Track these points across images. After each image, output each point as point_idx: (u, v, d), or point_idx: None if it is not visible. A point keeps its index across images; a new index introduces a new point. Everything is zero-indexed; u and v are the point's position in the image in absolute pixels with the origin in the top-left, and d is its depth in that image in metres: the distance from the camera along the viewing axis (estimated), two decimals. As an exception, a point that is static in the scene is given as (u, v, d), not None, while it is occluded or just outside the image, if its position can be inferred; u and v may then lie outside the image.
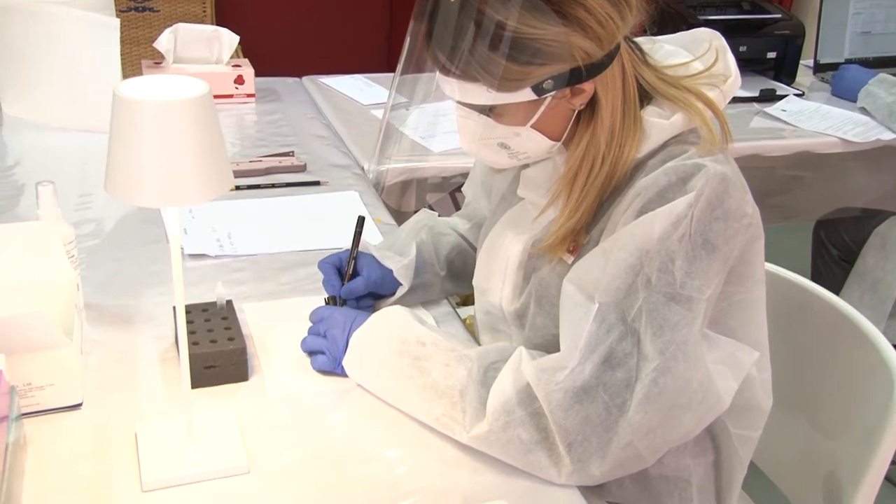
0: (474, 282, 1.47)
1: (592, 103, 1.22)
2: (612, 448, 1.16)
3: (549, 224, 1.32)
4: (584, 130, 1.23)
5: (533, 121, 1.22)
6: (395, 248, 1.58)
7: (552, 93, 1.19)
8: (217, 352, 1.34)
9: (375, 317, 1.34)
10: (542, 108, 1.21)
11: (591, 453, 1.16)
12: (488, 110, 1.22)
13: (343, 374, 1.35)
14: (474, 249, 1.62)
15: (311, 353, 1.40)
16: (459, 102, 1.23)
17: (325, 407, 1.33)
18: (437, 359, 1.27)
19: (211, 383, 1.35)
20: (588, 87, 1.20)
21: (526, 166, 1.36)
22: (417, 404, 1.27)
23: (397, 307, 1.36)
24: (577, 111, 1.23)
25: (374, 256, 1.53)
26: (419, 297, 1.57)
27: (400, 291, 1.53)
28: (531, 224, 1.35)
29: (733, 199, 1.17)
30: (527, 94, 1.18)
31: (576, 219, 1.25)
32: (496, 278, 1.41)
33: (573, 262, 1.27)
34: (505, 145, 1.25)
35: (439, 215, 1.69)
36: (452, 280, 1.62)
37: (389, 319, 1.33)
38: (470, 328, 1.50)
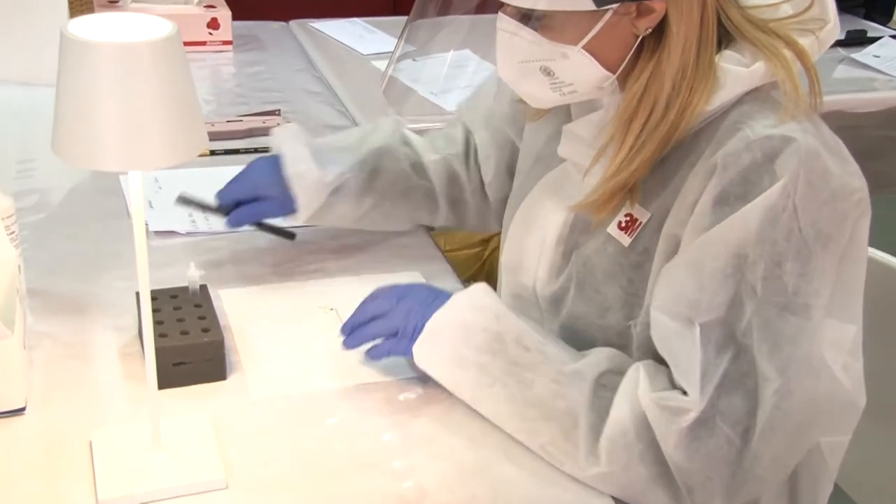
0: (502, 259, 1.50)
1: (660, 31, 1.22)
2: (735, 482, 1.19)
3: (594, 184, 1.33)
4: (645, 63, 1.23)
5: (586, 39, 1.22)
6: (327, 148, 1.67)
7: (615, 5, 1.20)
8: (189, 345, 1.36)
9: (461, 299, 1.34)
10: (600, 25, 1.21)
11: (714, 493, 1.20)
12: (536, 21, 1.22)
13: (407, 355, 1.36)
14: (428, 183, 1.70)
15: (361, 342, 1.41)
16: (503, 12, 1.25)
17: (318, 410, 1.35)
18: (543, 371, 1.27)
19: (182, 383, 1.36)
20: (659, 6, 1.20)
21: (568, 118, 1.37)
22: (514, 422, 1.29)
23: (483, 288, 1.36)
24: (640, 38, 1.24)
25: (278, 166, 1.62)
26: (334, 216, 1.67)
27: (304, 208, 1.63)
28: (575, 190, 1.36)
29: (835, 174, 1.18)
30: (585, 2, 1.19)
31: (628, 171, 1.25)
32: (530, 255, 1.44)
33: (630, 245, 1.30)
34: (548, 70, 1.26)
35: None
36: (383, 214, 1.70)
37: (480, 307, 1.33)
38: None
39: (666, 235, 1.26)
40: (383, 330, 1.38)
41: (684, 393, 1.20)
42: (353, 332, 1.40)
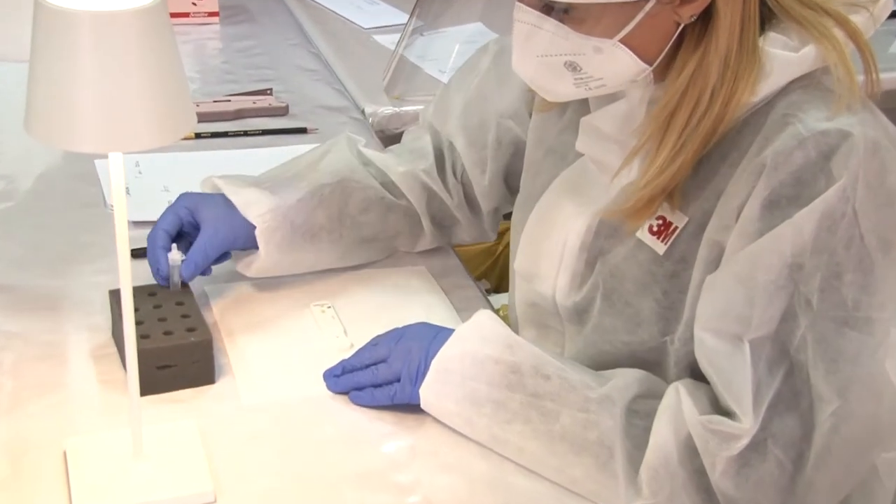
0: (515, 265, 1.49)
1: (705, 18, 1.20)
2: None
3: (626, 189, 1.31)
4: (689, 54, 1.21)
5: (624, 32, 1.20)
6: (275, 178, 1.60)
7: None
8: (174, 346, 1.37)
9: (466, 332, 1.35)
10: (640, 16, 1.19)
11: None
12: (563, 12, 1.20)
13: (413, 400, 1.35)
14: (406, 202, 1.65)
15: (350, 389, 1.41)
16: (522, 2, 1.23)
17: (315, 417, 1.36)
18: (568, 400, 1.27)
19: (166, 388, 1.38)
20: None
21: (586, 110, 1.37)
22: (541, 460, 1.29)
23: (488, 316, 1.35)
24: (681, 26, 1.22)
25: (223, 196, 1.54)
26: (306, 261, 1.60)
27: (266, 255, 1.54)
28: (600, 191, 1.36)
29: (894, 172, 1.17)
30: None
31: (669, 174, 1.23)
32: (548, 263, 1.42)
33: (665, 253, 1.29)
34: (574, 66, 1.23)
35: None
36: (361, 245, 1.64)
37: (488, 337, 1.33)
38: (506, 321, 1.53)
39: (708, 242, 1.25)
40: (382, 377, 1.37)
41: (731, 415, 1.19)
42: (345, 374, 1.41)
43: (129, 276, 1.14)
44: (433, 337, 1.36)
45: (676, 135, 1.22)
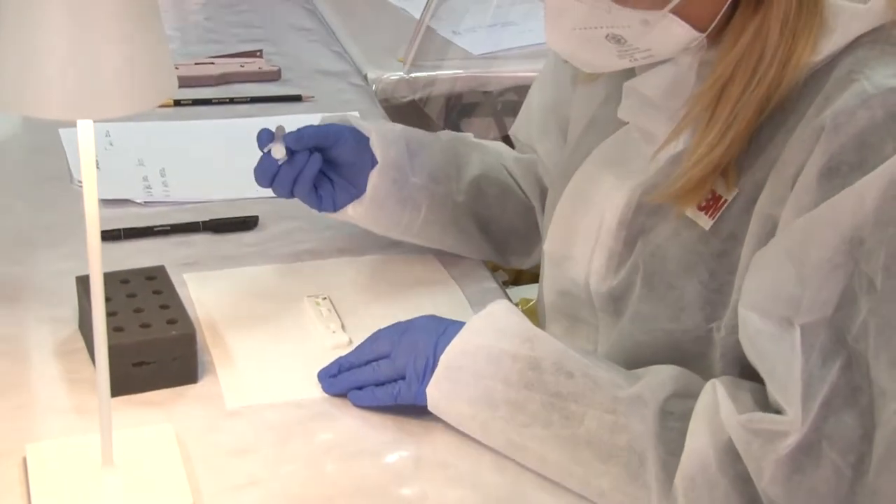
0: (546, 247, 1.49)
1: None
2: None
3: (672, 161, 1.33)
4: (747, 16, 1.22)
5: (676, 1, 1.21)
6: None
7: None
8: (152, 341, 1.37)
9: (479, 324, 1.35)
10: None
11: None
12: None
13: (419, 401, 1.36)
14: (522, 195, 1.66)
15: (347, 389, 1.41)
16: None
17: (309, 423, 1.36)
18: (594, 400, 1.27)
19: (141, 388, 1.38)
20: None
21: (631, 74, 1.37)
22: (562, 468, 1.29)
23: (504, 307, 1.36)
24: None
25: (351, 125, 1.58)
26: (403, 217, 1.61)
27: (373, 188, 1.57)
28: (642, 162, 1.37)
29: None
30: None
31: (722, 149, 1.24)
32: (583, 243, 1.43)
33: (712, 229, 1.29)
34: (618, 38, 1.25)
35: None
36: (467, 223, 1.65)
37: (504, 330, 1.33)
38: (529, 316, 1.49)
39: (759, 216, 1.24)
40: (384, 374, 1.38)
41: (779, 412, 1.18)
42: (342, 373, 1.41)
43: (100, 260, 1.13)
44: (443, 331, 1.36)
45: (731, 106, 1.23)
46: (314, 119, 1.65)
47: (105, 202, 1.72)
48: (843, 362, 1.15)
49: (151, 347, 1.37)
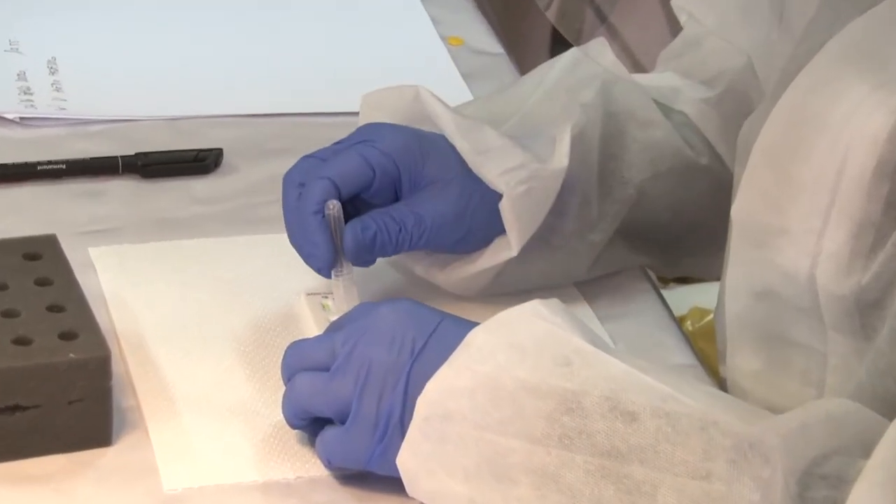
0: (734, 213, 1.19)
1: None
2: None
3: None
4: None
5: None
6: (508, 121, 1.35)
7: None
8: (35, 368, 1.08)
9: (482, 337, 1.06)
10: None
11: None
12: None
13: (387, 471, 1.07)
14: (708, 159, 1.42)
15: (302, 417, 1.12)
16: None
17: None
18: (673, 459, 0.99)
19: (16, 452, 1.09)
20: None
21: None
22: None
23: (529, 309, 1.07)
24: None
25: (446, 142, 1.29)
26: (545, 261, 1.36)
27: (501, 249, 1.29)
28: None
29: None
30: None
31: None
32: (805, 202, 1.12)
33: None
34: None
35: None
36: (638, 229, 1.39)
37: (526, 345, 1.05)
38: (693, 338, 1.35)
39: None
40: (327, 400, 1.10)
41: None
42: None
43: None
44: (423, 342, 1.07)
45: None
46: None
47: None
48: None
49: (33, 381, 1.08)
